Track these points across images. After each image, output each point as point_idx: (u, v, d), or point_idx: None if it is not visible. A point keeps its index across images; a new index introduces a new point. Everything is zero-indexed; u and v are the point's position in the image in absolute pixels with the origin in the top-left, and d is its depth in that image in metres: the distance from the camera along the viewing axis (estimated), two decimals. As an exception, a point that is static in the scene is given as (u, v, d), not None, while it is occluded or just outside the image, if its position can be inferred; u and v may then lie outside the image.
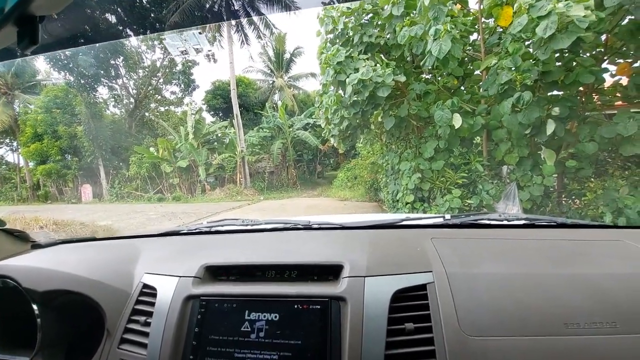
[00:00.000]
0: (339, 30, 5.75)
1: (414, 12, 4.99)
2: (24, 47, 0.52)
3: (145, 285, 0.99)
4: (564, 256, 0.94)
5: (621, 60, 4.11)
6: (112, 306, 0.97)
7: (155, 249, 1.23)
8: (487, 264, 0.91)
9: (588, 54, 4.20)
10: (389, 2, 5.10)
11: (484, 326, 0.74)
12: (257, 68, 22.12)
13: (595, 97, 4.37)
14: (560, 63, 4.09)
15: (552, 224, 1.23)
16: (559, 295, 0.78)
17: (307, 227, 1.33)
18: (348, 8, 5.53)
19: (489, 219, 1.28)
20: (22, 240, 1.30)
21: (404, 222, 1.32)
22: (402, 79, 4.96)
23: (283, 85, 21.23)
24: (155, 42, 17.12)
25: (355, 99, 5.14)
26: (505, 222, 1.26)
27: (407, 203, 5.56)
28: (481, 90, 4.94)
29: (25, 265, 1.11)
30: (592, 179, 4.32)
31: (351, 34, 5.70)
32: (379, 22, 5.69)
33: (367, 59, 5.25)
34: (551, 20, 3.38)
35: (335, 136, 6.52)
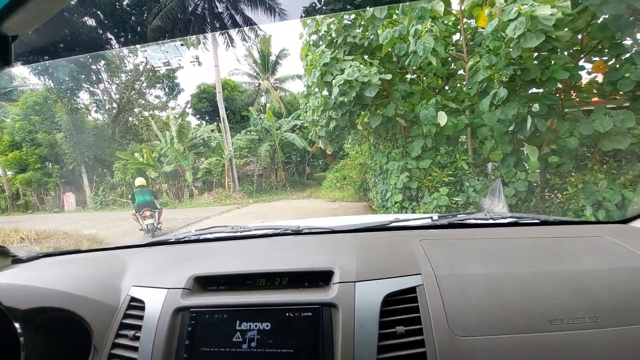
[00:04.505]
0: (322, 32, 5.78)
1: (397, 12, 5.05)
2: None
3: (132, 299, 0.97)
4: (548, 254, 0.97)
5: (597, 58, 4.26)
6: (99, 321, 0.94)
7: (142, 261, 1.21)
8: (474, 265, 0.92)
9: (566, 53, 4.34)
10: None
11: (473, 326, 0.76)
12: (243, 71, 21.99)
13: (574, 94, 4.52)
14: (537, 61, 4.21)
15: (536, 221, 1.27)
16: (543, 293, 0.81)
17: (297, 232, 1.33)
18: (332, 9, 5.55)
19: (475, 219, 1.31)
20: (1, 255, 1.25)
21: (393, 224, 1.34)
22: (388, 77, 5.00)
23: (269, 88, 21.14)
24: (137, 46, 16.82)
25: (342, 99, 5.16)
26: (491, 221, 1.29)
27: (396, 202, 5.62)
28: (464, 89, 5.04)
29: (5, 283, 1.07)
30: (573, 174, 4.45)
31: (334, 35, 5.73)
32: (362, 23, 5.73)
33: (353, 59, 5.29)
34: (519, 21, 3.56)
35: (322, 137, 6.53)
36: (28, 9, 0.42)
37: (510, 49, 3.85)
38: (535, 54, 4.14)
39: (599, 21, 3.87)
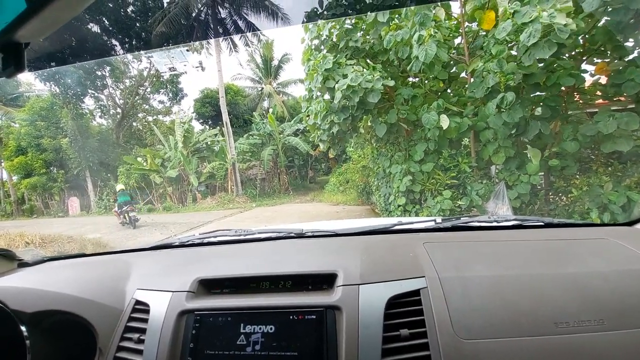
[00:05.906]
0: (324, 36, 5.81)
1: (399, 16, 5.08)
2: (10, 73, 0.51)
3: (137, 302, 0.98)
4: (553, 256, 0.96)
5: (599, 60, 4.25)
6: (104, 324, 0.95)
7: (146, 264, 1.22)
8: (478, 267, 0.92)
9: (567, 55, 4.33)
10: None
11: (477, 329, 0.75)
12: (246, 75, 22.07)
13: (577, 96, 4.50)
14: (542, 64, 4.20)
15: (540, 224, 1.25)
16: (549, 295, 0.80)
17: (300, 236, 1.33)
18: (333, 14, 5.59)
19: (479, 221, 1.30)
20: (8, 259, 1.27)
21: (397, 227, 1.33)
22: (391, 83, 5.01)
23: (272, 92, 21.24)
24: (142, 51, 17.00)
25: (345, 103, 5.17)
26: (494, 224, 1.28)
27: (399, 205, 5.60)
28: (467, 92, 5.04)
29: (12, 286, 1.08)
30: (577, 176, 4.42)
31: (336, 40, 5.76)
32: (364, 27, 5.76)
33: (355, 64, 5.30)
34: (535, 27, 3.49)
35: (324, 141, 6.54)
36: (42, 17, 0.43)
37: (522, 56, 3.82)
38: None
39: (600, 24, 3.87)
